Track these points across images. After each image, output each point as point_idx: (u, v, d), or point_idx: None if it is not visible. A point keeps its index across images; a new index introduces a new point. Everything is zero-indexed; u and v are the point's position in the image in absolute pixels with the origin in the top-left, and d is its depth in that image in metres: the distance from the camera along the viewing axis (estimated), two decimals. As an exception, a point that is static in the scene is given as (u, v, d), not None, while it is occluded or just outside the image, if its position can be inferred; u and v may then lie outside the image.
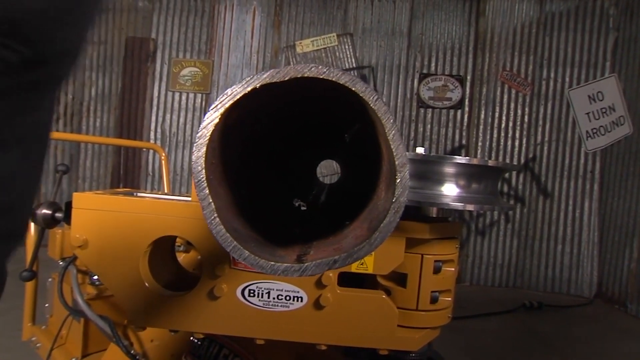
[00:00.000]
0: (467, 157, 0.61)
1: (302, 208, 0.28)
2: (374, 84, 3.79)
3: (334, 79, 0.18)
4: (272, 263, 0.19)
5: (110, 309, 1.01)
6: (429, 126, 3.75)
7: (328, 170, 1.99)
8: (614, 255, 3.38)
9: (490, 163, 0.63)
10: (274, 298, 0.61)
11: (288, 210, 0.28)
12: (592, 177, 3.60)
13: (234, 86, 0.19)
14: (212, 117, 0.18)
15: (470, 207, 0.61)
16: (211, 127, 0.18)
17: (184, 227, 0.59)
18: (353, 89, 0.18)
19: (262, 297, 0.60)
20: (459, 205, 0.61)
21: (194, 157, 0.19)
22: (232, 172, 0.18)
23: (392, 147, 0.19)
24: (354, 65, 3.78)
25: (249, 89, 0.18)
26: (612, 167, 3.51)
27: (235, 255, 0.19)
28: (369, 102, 0.19)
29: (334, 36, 3.77)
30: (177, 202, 0.61)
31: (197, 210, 0.58)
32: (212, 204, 0.18)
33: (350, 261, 0.19)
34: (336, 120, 0.22)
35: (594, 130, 3.59)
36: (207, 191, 0.18)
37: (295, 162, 0.28)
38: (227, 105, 0.18)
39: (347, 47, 3.79)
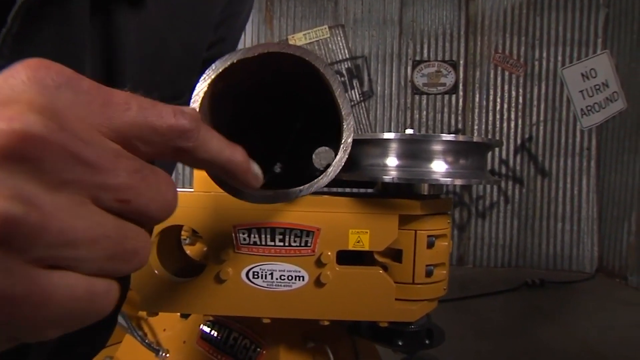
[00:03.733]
0: (453, 135, 0.64)
1: (277, 171, 0.32)
2: (367, 74, 3.81)
3: (291, 52, 0.22)
4: (251, 194, 0.23)
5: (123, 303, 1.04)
6: (424, 112, 3.77)
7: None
8: (613, 230, 3.42)
9: (476, 139, 0.66)
10: (277, 279, 0.64)
11: (271, 169, 0.32)
12: (589, 154, 3.63)
13: (217, 61, 0.23)
14: (202, 87, 0.22)
15: (458, 182, 0.64)
16: (201, 94, 0.22)
17: (189, 216, 0.62)
18: (307, 59, 0.22)
19: (265, 278, 0.64)
20: (448, 180, 0.64)
21: None
22: (222, 133, 0.22)
23: (338, 100, 0.23)
24: (347, 56, 3.79)
25: (227, 63, 0.22)
26: (608, 143, 3.53)
27: (223, 189, 0.23)
28: (320, 69, 0.22)
29: (325, 28, 3.78)
30: (181, 192, 0.64)
31: (201, 199, 0.62)
32: None
33: (312, 190, 0.23)
34: (312, 101, 0.26)
35: (589, 108, 3.61)
36: None
37: (279, 131, 0.32)
38: (212, 77, 0.22)
39: (339, 38, 3.80)
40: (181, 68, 0.26)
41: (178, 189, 0.69)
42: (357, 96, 3.81)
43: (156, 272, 0.63)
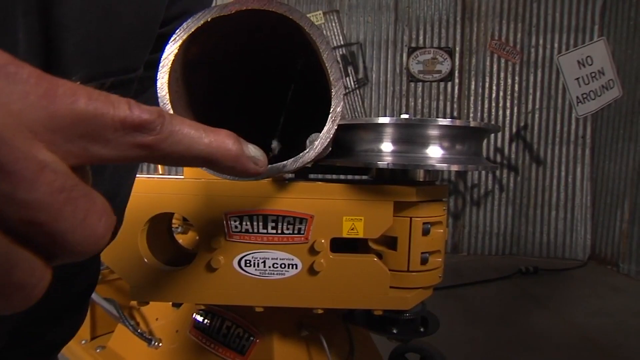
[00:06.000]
0: (449, 119, 0.62)
1: (275, 152, 0.28)
2: (362, 61, 3.77)
3: (273, 9, 0.20)
4: None
5: (115, 292, 1.03)
6: (420, 100, 3.74)
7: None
8: (606, 218, 3.44)
9: (472, 124, 0.65)
10: (269, 267, 0.63)
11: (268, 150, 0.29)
12: (584, 142, 3.63)
13: (189, 20, 0.20)
14: (172, 49, 0.20)
15: (454, 168, 0.63)
16: (171, 57, 0.20)
17: (179, 203, 0.61)
18: (290, 17, 0.20)
19: (258, 266, 0.62)
20: (444, 166, 0.63)
21: (158, 84, 0.20)
22: (198, 106, 0.20)
23: (326, 64, 0.21)
24: (342, 42, 3.74)
25: (201, 22, 0.20)
26: (603, 131, 3.54)
27: None
28: (305, 28, 0.20)
29: (320, 14, 3.72)
30: (170, 180, 0.63)
31: (191, 186, 0.60)
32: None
33: (297, 165, 0.21)
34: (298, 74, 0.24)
35: (584, 96, 3.60)
36: (170, 106, 0.20)
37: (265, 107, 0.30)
38: (184, 37, 0.20)
39: (334, 24, 3.75)
40: (133, 39, 0.23)
41: (167, 177, 0.67)
42: (352, 83, 3.77)
43: (146, 260, 0.62)
